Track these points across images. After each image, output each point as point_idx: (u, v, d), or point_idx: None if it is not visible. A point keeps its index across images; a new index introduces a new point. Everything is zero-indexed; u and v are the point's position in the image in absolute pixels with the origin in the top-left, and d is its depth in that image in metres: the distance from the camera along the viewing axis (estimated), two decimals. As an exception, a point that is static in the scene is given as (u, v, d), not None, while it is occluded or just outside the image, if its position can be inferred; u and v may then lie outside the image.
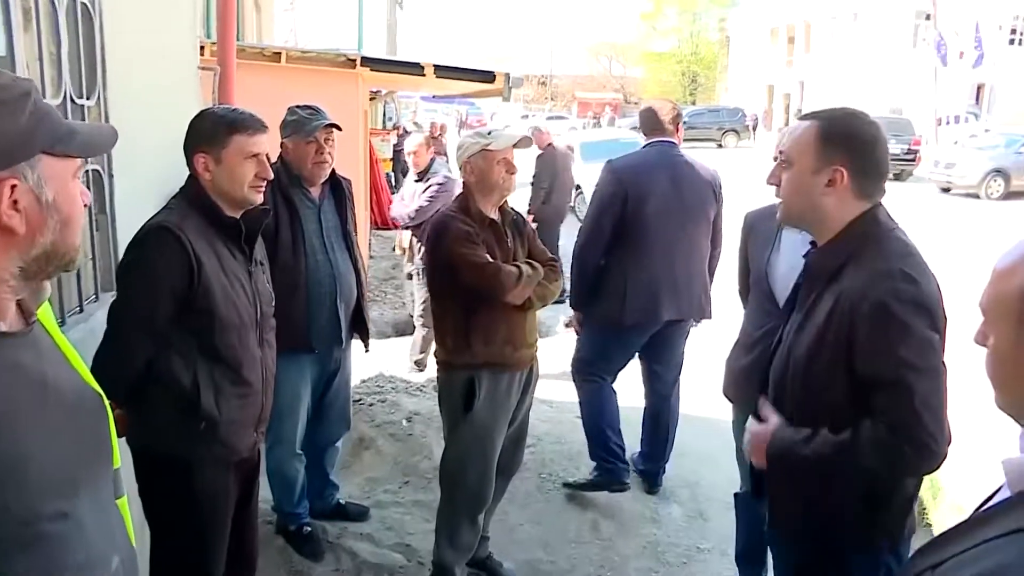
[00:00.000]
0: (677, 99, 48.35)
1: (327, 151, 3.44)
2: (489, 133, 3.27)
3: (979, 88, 36.98)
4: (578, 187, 16.49)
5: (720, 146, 35.84)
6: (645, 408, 4.67)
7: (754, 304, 3.36)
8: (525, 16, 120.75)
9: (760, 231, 3.30)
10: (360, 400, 5.02)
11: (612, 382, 4.52)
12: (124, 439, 2.30)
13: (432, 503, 3.85)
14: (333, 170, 3.53)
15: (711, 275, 4.49)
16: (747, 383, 3.31)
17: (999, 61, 34.47)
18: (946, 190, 21.54)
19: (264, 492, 3.16)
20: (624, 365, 4.55)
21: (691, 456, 5.04)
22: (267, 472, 3.43)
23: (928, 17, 34.76)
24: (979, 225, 15.36)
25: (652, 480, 4.64)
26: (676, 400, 4.65)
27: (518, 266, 3.18)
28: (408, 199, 6.34)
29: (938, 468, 1.97)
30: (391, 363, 6.57)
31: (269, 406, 2.65)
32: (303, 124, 3.40)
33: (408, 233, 6.57)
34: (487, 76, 8.59)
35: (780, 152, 2.22)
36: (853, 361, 1.96)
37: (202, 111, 2.62)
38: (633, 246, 4.20)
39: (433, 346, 6.48)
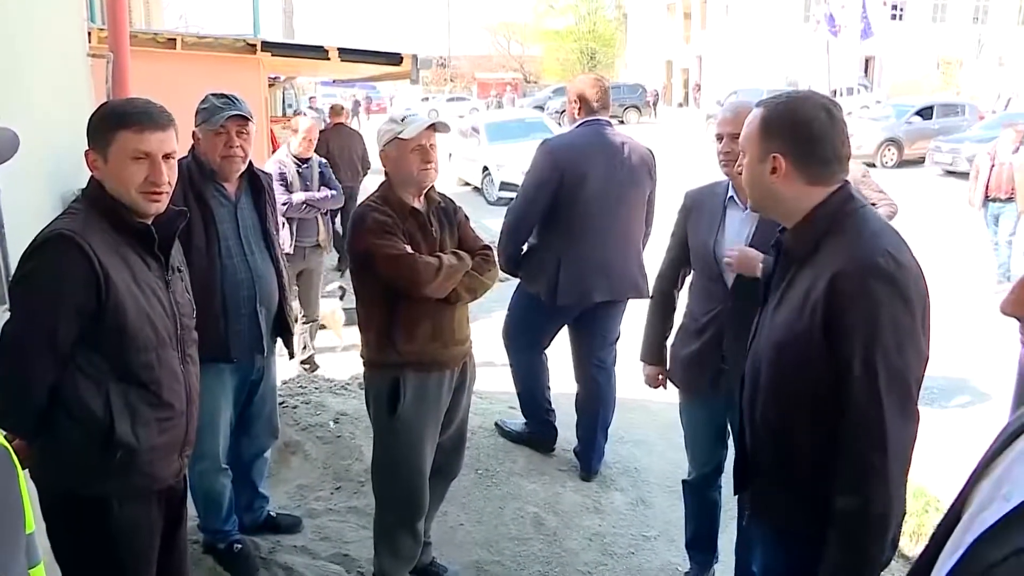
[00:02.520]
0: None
1: (238, 144, 3.18)
2: (403, 119, 3.05)
3: (867, 61, 38.42)
4: (485, 168, 16.38)
5: (622, 122, 36.03)
6: (577, 392, 4.58)
7: (699, 287, 3.26)
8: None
9: (704, 210, 3.20)
10: (284, 403, 4.76)
11: (542, 351, 4.60)
12: (28, 473, 2.04)
13: (367, 508, 3.66)
14: (251, 164, 3.28)
15: None
16: (699, 369, 3.22)
17: (883, 35, 35.81)
18: (845, 159, 22.21)
19: (190, 509, 2.92)
20: (553, 337, 4.59)
21: (628, 442, 4.97)
22: (191, 490, 3.18)
23: (818, -9, 35.83)
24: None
25: (587, 466, 4.53)
26: (609, 382, 4.55)
27: (439, 257, 2.99)
28: (297, 186, 6.06)
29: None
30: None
31: (194, 428, 2.42)
32: (212, 113, 3.14)
33: (323, 225, 6.29)
34: (394, 58, 8.35)
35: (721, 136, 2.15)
36: (832, 345, 1.89)
37: (105, 102, 2.34)
38: (567, 228, 4.14)
39: (315, 342, 6.53)
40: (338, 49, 7.73)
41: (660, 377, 3.47)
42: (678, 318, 3.42)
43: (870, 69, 39.15)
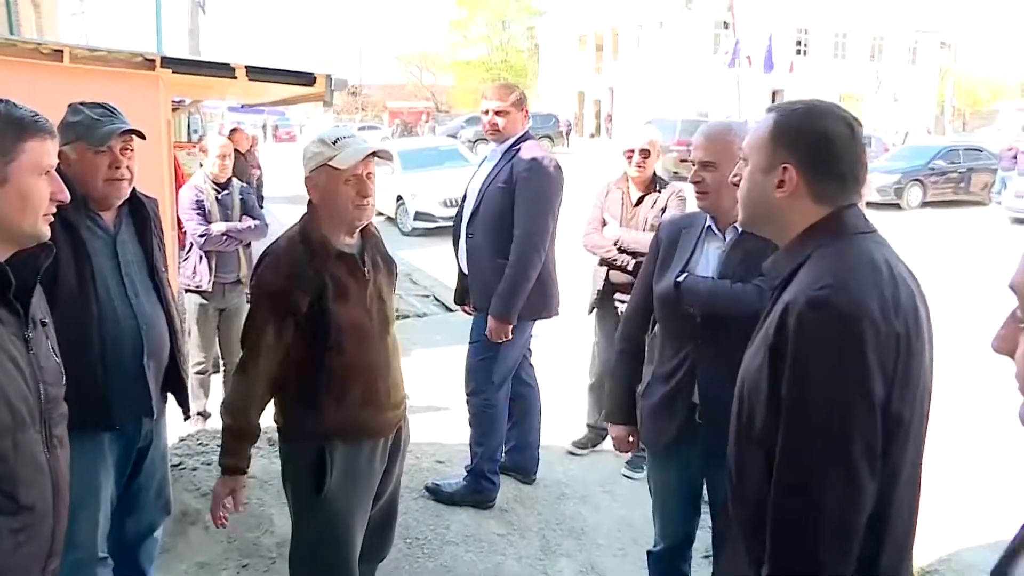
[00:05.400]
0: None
1: (125, 164, 2.63)
2: (335, 142, 2.54)
3: (775, 93, 39.48)
4: (399, 198, 15.82)
5: (537, 152, 36.02)
6: (512, 399, 4.40)
7: (665, 330, 2.83)
8: (333, 28, 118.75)
9: (677, 245, 2.79)
10: (180, 464, 4.15)
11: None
12: None
13: (280, 591, 3.11)
14: (133, 188, 2.72)
15: None
16: (667, 417, 2.78)
17: (789, 69, 36.88)
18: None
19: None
20: None
21: (570, 498, 4.50)
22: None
23: (727, 26, 36.62)
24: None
25: (526, 471, 4.57)
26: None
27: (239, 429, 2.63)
28: (216, 215, 5.45)
29: None
30: (215, 413, 5.65)
31: (63, 531, 1.87)
32: (92, 128, 2.58)
33: (244, 258, 5.65)
34: (307, 78, 7.75)
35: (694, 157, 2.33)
36: (772, 391, 1.63)
37: None
38: (552, 240, 4.14)
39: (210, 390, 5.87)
40: (246, 67, 7.11)
41: (631, 439, 3.01)
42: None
43: (776, 100, 40.16)
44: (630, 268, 4.44)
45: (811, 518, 1.56)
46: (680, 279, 2.68)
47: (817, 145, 1.71)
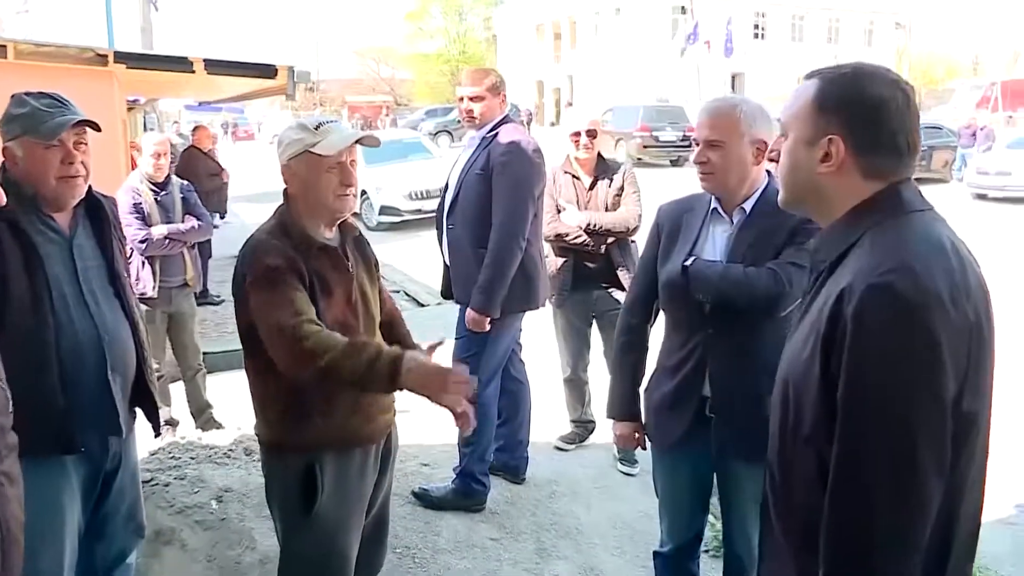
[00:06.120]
0: (447, 99, 48.66)
1: (79, 160, 2.40)
2: (318, 127, 2.33)
3: (734, 77, 39.65)
4: (364, 192, 15.52)
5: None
6: (501, 396, 4.23)
7: (672, 321, 2.67)
8: (288, 23, 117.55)
9: (680, 230, 2.63)
10: (152, 480, 3.89)
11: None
12: None
13: (265, 613, 2.90)
14: (89, 187, 2.49)
15: None
16: (676, 413, 2.61)
17: (748, 53, 37.06)
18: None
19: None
20: None
21: (563, 497, 4.33)
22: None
23: (684, 11, 36.65)
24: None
25: (516, 471, 4.41)
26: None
27: (354, 344, 2.15)
28: (157, 217, 5.19)
29: None
30: (187, 422, 5.40)
31: (18, 572, 1.65)
32: (41, 121, 2.34)
33: (190, 260, 5.41)
34: (267, 71, 7.48)
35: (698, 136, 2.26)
36: (828, 387, 1.45)
37: None
38: (535, 225, 3.97)
39: (207, 395, 5.61)
40: (204, 60, 6.83)
41: (637, 436, 2.84)
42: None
43: (737, 85, 40.37)
44: (601, 252, 4.38)
45: (871, 531, 1.39)
46: (688, 263, 2.50)
47: (867, 113, 1.52)
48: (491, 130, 3.89)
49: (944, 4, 64.12)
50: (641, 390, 2.78)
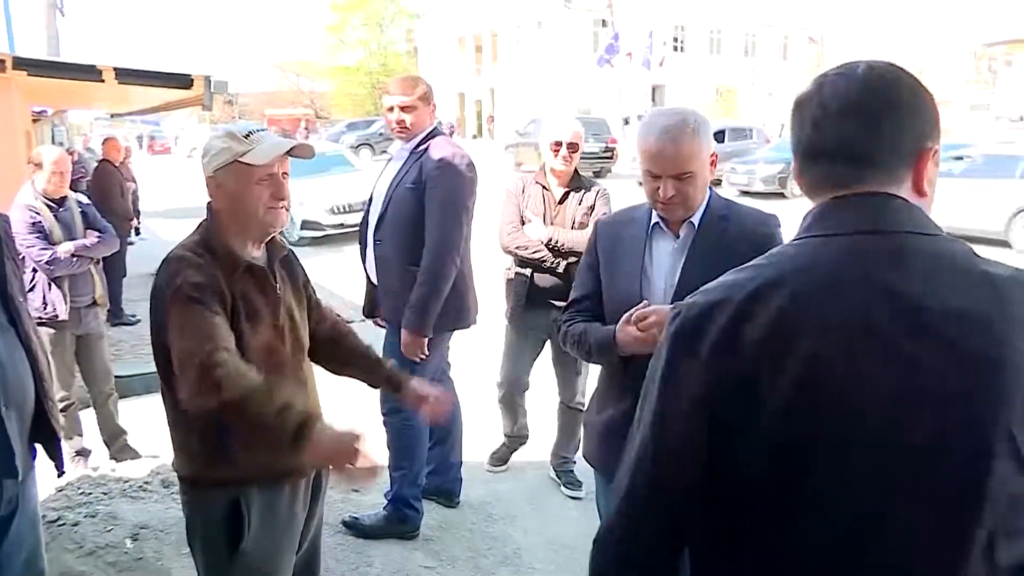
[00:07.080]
0: (368, 112, 48.24)
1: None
2: (248, 135, 2.16)
3: (655, 89, 40.28)
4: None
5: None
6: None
7: None
8: (206, 35, 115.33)
9: (622, 245, 2.49)
10: (57, 520, 3.60)
11: None
12: None
13: (185, 665, 2.68)
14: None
15: None
16: (620, 440, 2.48)
17: (668, 65, 37.67)
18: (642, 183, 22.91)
19: None
20: None
21: (499, 520, 4.18)
22: None
23: (605, 24, 37.10)
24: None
25: (449, 494, 4.29)
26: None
27: (279, 391, 1.97)
28: (59, 234, 4.89)
29: None
30: (97, 453, 5.07)
31: None
32: None
33: (98, 277, 5.12)
34: (183, 80, 7.18)
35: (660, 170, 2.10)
36: None
37: None
38: (468, 244, 3.85)
39: (119, 419, 5.31)
40: (115, 69, 6.52)
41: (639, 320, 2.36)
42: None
43: (657, 97, 41.04)
44: (560, 270, 4.13)
45: None
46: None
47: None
48: (421, 142, 3.74)
49: (854, 20, 66.44)
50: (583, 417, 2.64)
